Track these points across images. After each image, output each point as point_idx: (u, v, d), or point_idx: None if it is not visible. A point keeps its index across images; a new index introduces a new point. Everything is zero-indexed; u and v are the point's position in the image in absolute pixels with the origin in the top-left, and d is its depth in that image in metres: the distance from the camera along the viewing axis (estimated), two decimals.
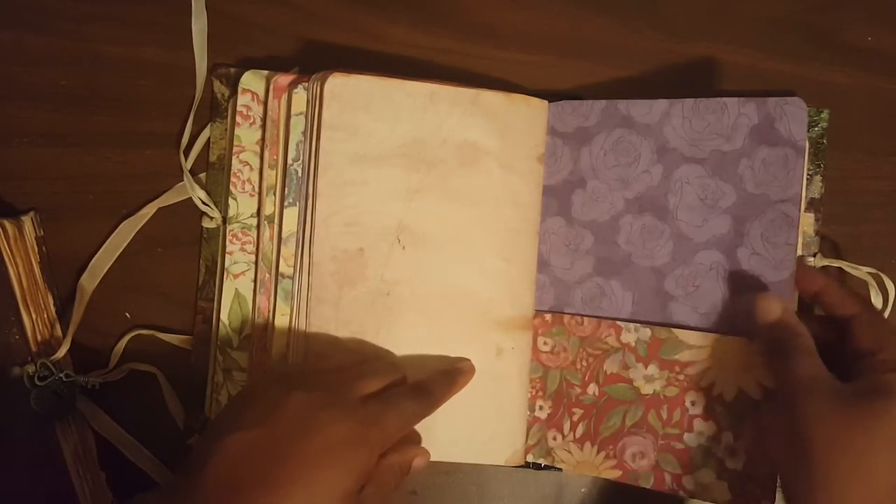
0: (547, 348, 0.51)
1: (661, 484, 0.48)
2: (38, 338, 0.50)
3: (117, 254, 0.53)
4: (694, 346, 0.48)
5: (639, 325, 0.49)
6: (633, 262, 0.50)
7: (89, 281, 0.52)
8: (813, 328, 0.45)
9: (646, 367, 0.49)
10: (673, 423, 0.48)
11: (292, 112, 0.49)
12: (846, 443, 0.39)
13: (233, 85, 0.52)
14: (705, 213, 0.48)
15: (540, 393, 0.51)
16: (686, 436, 0.48)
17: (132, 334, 0.52)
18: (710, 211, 0.48)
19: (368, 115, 0.48)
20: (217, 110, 0.52)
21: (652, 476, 0.49)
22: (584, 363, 0.50)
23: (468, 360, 0.49)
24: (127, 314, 0.53)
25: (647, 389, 0.49)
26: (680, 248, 0.49)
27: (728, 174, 0.48)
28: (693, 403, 0.48)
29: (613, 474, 0.49)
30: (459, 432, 0.49)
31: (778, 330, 0.44)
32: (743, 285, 0.48)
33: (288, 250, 0.49)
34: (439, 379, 0.47)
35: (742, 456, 0.47)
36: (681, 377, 0.48)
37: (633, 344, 0.49)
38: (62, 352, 0.51)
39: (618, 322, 0.49)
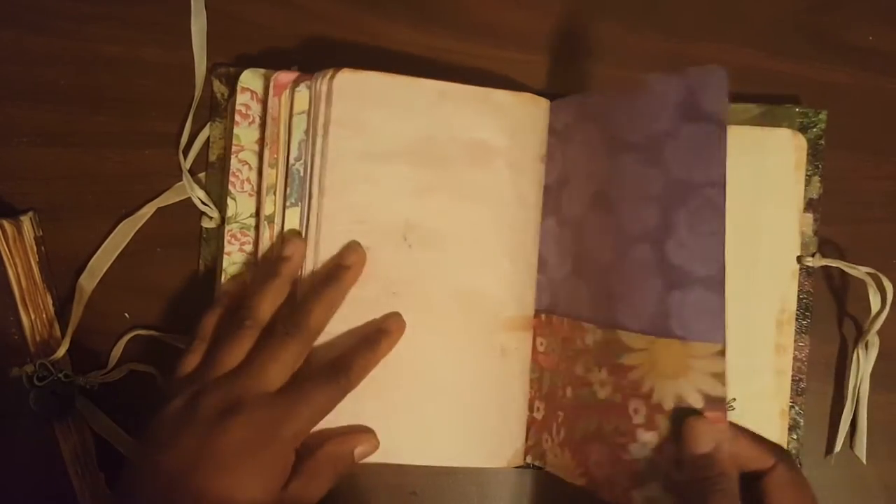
0: (542, 349, 0.50)
1: (614, 495, 0.43)
2: (37, 338, 0.50)
3: (116, 254, 0.53)
4: (634, 348, 0.43)
5: (595, 326, 0.46)
6: (591, 260, 0.46)
7: (88, 281, 0.52)
8: None
9: (600, 371, 0.45)
10: (621, 433, 0.43)
11: (294, 111, 0.48)
12: None
13: (232, 85, 0.52)
14: (638, 203, 0.43)
15: (537, 394, 0.50)
16: (632, 446, 0.43)
17: (131, 335, 0.52)
18: (641, 201, 0.43)
19: (377, 113, 0.48)
20: (216, 110, 0.52)
21: (607, 487, 0.44)
22: (564, 365, 0.48)
23: (396, 317, 0.47)
24: (126, 314, 0.53)
25: (601, 395, 0.45)
26: (619, 243, 0.44)
27: (656, 158, 0.42)
28: (636, 411, 0.43)
29: (581, 481, 0.46)
30: (464, 436, 0.49)
31: (705, 467, 0.39)
32: (672, 282, 0.42)
33: None
34: (360, 347, 0.46)
35: (688, 468, 0.40)
36: (624, 383, 0.43)
37: (591, 346, 0.46)
38: (61, 352, 0.50)
39: (582, 323, 0.47)
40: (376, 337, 0.46)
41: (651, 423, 0.42)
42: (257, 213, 0.50)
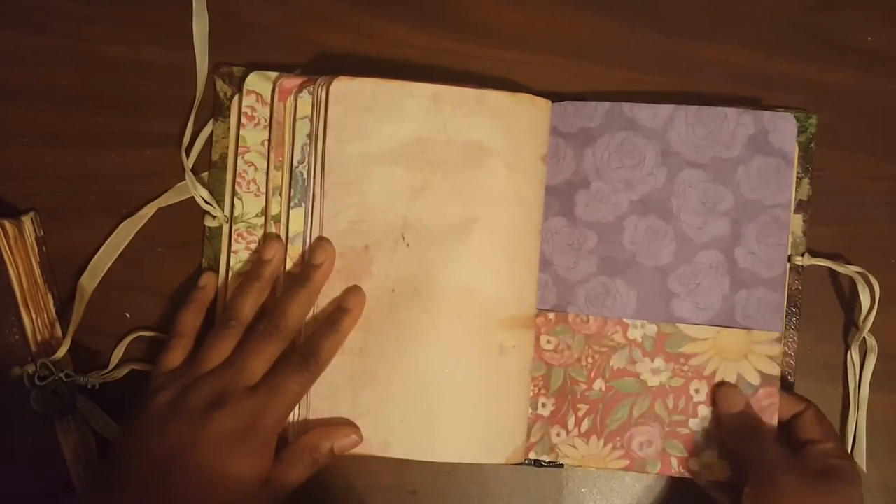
0: (550, 346, 0.51)
1: (668, 468, 0.51)
2: (38, 338, 0.50)
3: (117, 254, 0.53)
4: (697, 338, 0.51)
5: (645, 321, 0.51)
6: (637, 262, 0.51)
7: (89, 281, 0.52)
8: None
9: (652, 361, 0.51)
10: (679, 411, 0.51)
11: (297, 116, 0.50)
12: None
13: (236, 84, 0.52)
14: (706, 215, 0.51)
15: (542, 391, 0.51)
16: (691, 421, 0.51)
17: (132, 336, 0.52)
18: (711, 213, 0.51)
19: (373, 117, 0.49)
20: (220, 109, 0.52)
21: (659, 462, 0.51)
22: (590, 360, 0.51)
23: (355, 291, 0.49)
24: (127, 314, 0.53)
25: (653, 381, 0.51)
26: (682, 248, 0.51)
27: (727, 180, 0.51)
28: (697, 391, 0.51)
29: (620, 464, 0.51)
30: (460, 432, 0.49)
31: (743, 419, 0.50)
32: (740, 282, 0.51)
33: (295, 249, 0.50)
34: (325, 330, 0.48)
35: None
36: (685, 368, 0.51)
37: (639, 340, 0.51)
38: (62, 352, 0.50)
39: (624, 319, 0.51)
40: (338, 317, 0.49)
41: (711, 399, 0.51)
42: (265, 214, 0.51)
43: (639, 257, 0.51)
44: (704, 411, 0.51)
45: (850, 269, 0.51)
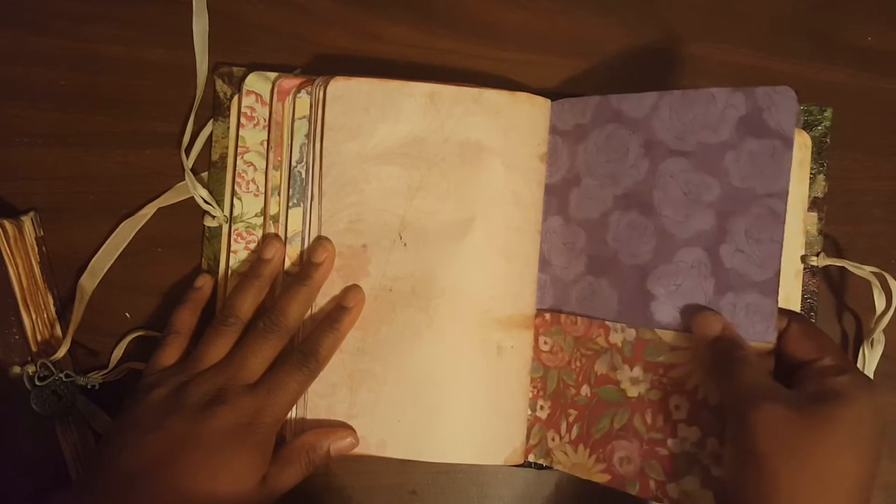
0: (546, 348, 0.51)
1: (647, 491, 0.46)
2: (38, 338, 0.50)
3: (117, 254, 0.53)
4: (678, 347, 0.46)
5: (625, 325, 0.47)
6: (619, 261, 0.48)
7: (89, 281, 0.52)
8: None
9: (631, 369, 0.47)
10: (657, 428, 0.46)
11: (296, 116, 0.50)
12: (800, 452, 0.37)
13: (235, 84, 0.52)
14: (688, 207, 0.46)
15: (541, 393, 0.51)
16: (670, 441, 0.45)
17: (132, 336, 0.52)
18: (694, 206, 0.45)
19: (369, 117, 0.49)
20: (219, 109, 0.52)
21: (637, 483, 0.46)
22: (578, 363, 0.49)
23: (355, 291, 0.49)
24: (127, 314, 0.53)
25: (632, 392, 0.47)
26: (663, 245, 0.46)
27: (713, 167, 0.45)
28: (677, 407, 0.45)
29: (603, 478, 0.48)
30: (458, 432, 0.49)
31: (719, 344, 0.43)
32: (726, 284, 0.45)
33: (293, 249, 0.50)
34: (324, 328, 0.48)
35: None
36: (664, 380, 0.46)
37: (619, 345, 0.47)
38: (62, 352, 0.50)
39: (606, 322, 0.48)
40: (337, 315, 0.49)
41: (693, 418, 0.45)
42: (264, 214, 0.51)
43: (620, 255, 0.48)
44: (685, 431, 0.45)
45: (865, 270, 0.50)
